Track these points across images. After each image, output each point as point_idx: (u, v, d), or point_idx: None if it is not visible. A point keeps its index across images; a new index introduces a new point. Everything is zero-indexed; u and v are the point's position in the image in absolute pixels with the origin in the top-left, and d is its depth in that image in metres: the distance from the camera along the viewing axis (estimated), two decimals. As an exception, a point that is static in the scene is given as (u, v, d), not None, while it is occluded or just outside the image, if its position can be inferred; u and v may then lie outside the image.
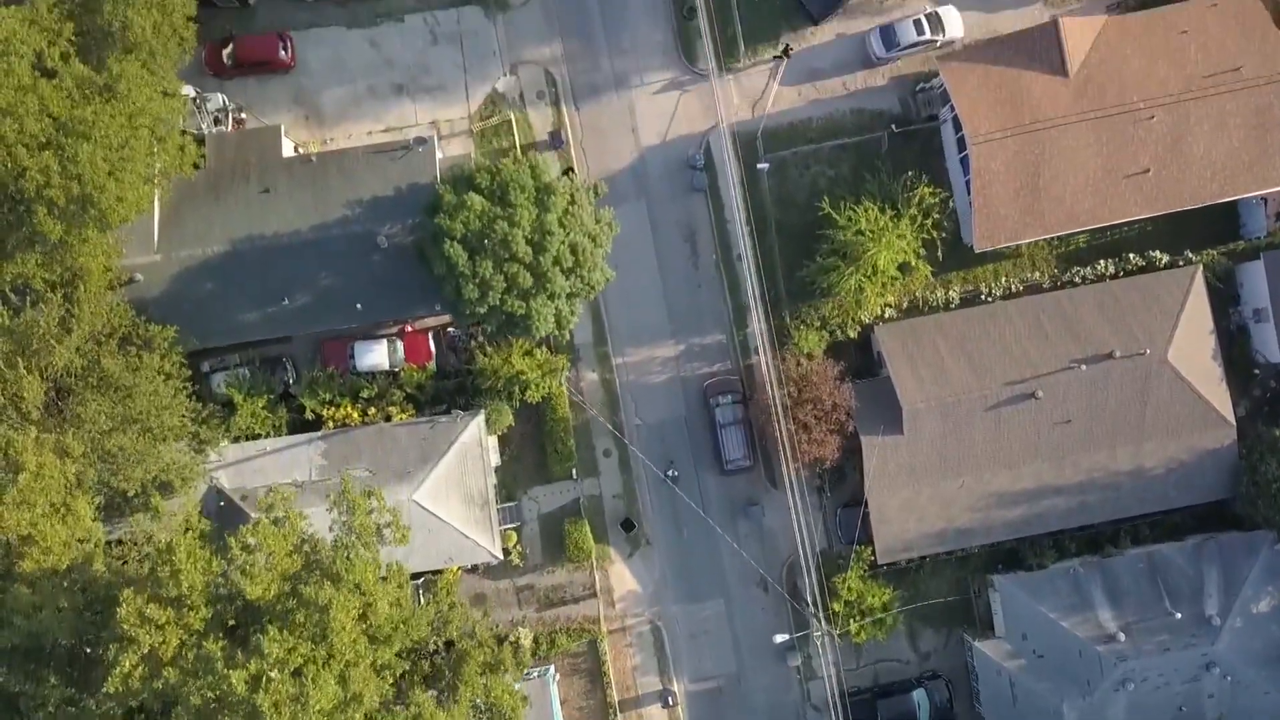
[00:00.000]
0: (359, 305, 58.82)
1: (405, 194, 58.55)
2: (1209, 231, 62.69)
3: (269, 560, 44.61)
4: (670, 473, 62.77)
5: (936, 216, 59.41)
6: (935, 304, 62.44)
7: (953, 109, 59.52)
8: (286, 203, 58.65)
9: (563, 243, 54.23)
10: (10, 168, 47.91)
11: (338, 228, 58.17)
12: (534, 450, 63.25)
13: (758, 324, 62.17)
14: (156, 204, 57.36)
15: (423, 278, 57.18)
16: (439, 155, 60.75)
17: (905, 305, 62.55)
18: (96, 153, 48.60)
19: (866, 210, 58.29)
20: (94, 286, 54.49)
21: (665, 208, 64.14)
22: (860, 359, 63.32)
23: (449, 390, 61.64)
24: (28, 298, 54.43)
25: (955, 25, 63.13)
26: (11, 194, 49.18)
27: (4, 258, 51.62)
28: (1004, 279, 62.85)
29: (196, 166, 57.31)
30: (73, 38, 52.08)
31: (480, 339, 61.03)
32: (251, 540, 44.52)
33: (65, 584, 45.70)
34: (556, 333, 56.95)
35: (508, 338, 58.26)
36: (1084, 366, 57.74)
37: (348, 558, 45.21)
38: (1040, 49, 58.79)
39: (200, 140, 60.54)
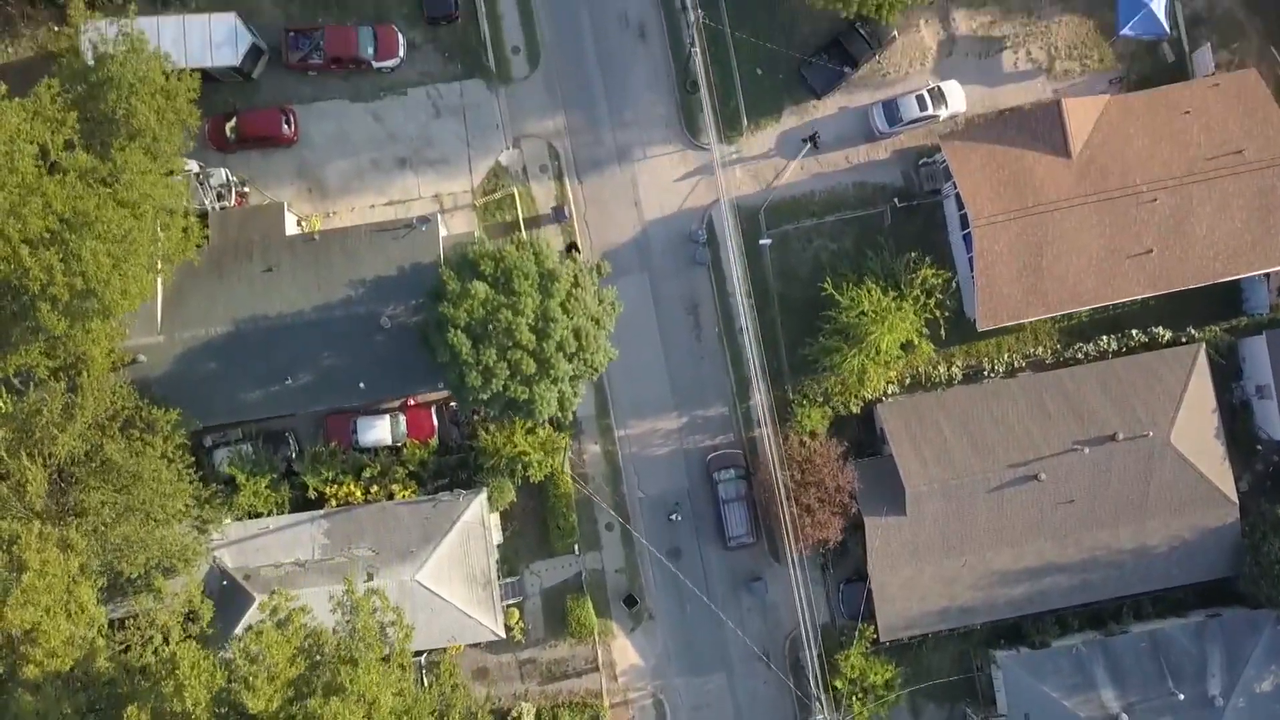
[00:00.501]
0: (362, 384, 58.84)
1: (408, 273, 58.57)
2: (1211, 306, 62.67)
3: (271, 670, 44.55)
4: (673, 516, 62.79)
5: (940, 296, 59.40)
6: (938, 380, 62.53)
7: (955, 185, 59.49)
8: (289, 282, 58.69)
9: (566, 328, 54.23)
10: (13, 265, 47.89)
11: (341, 308, 58.19)
12: (536, 524, 63.25)
13: (760, 400, 62.21)
14: (160, 285, 57.34)
15: (426, 357, 57.11)
16: (443, 233, 60.72)
17: (908, 380, 62.60)
18: (100, 248, 48.64)
19: (869, 291, 58.29)
20: (97, 370, 54.52)
21: (668, 280, 64.18)
22: (863, 432, 63.35)
23: (451, 465, 61.63)
24: (31, 381, 54.48)
25: (958, 100, 63.16)
26: (14, 287, 49.15)
27: (7, 347, 51.62)
28: (1006, 354, 62.92)
29: (199, 246, 57.46)
30: (76, 125, 52.14)
31: (483, 414, 61.02)
32: (255, 649, 44.47)
33: (68, 686, 45.64)
34: (559, 415, 56.91)
35: (510, 418, 58.23)
36: (1087, 450, 57.70)
37: (353, 663, 45.13)
38: (1043, 129, 58.83)
39: (203, 215, 60.81)
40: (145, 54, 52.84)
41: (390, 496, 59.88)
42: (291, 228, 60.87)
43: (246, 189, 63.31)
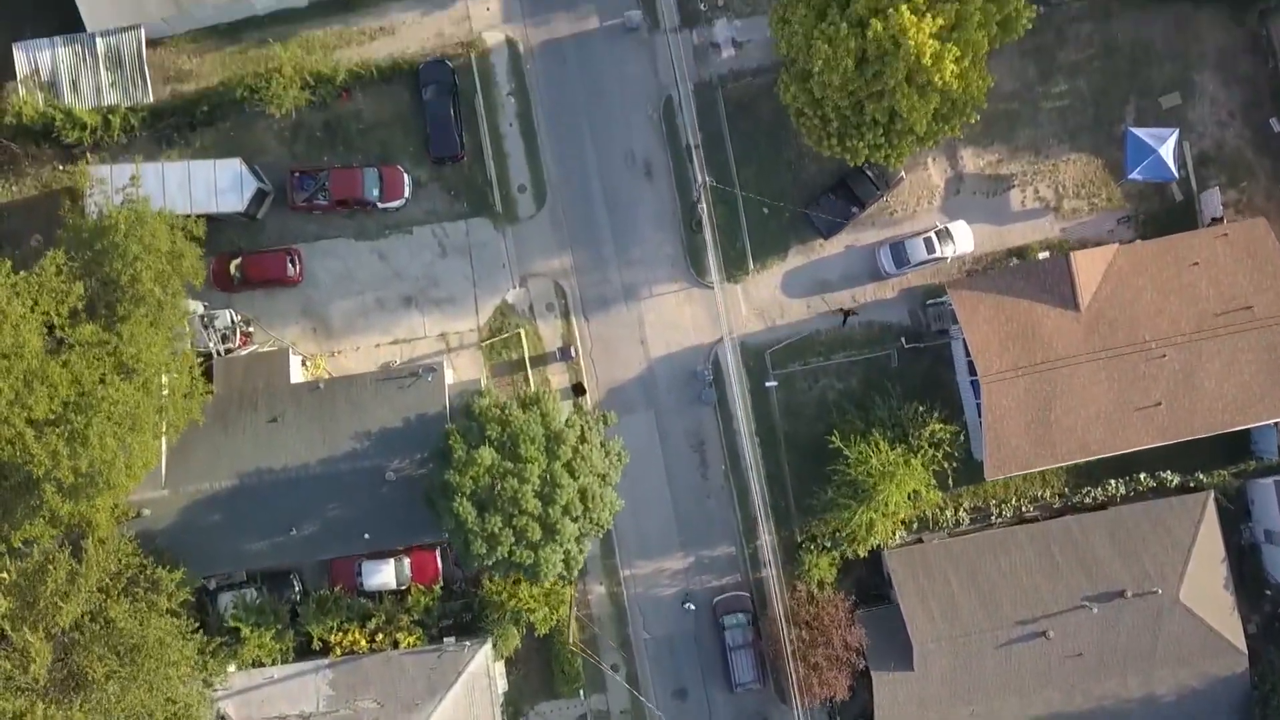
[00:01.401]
0: (367, 535, 58.64)
1: (414, 425, 58.38)
2: (1219, 450, 62.36)
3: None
4: (687, 605, 62.46)
5: (948, 449, 59.15)
6: (944, 523, 62.25)
7: (963, 331, 59.27)
8: (294, 434, 58.45)
9: (572, 492, 53.98)
10: (17, 449, 47.66)
11: (346, 461, 57.96)
12: (541, 666, 62.99)
13: (766, 541, 62.16)
14: (165, 444, 57.09)
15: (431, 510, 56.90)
16: (448, 379, 60.53)
17: (914, 524, 62.33)
18: (107, 429, 48.42)
19: (877, 446, 57.95)
20: (102, 532, 54.25)
21: (673, 418, 63.94)
22: (870, 573, 63.10)
23: (456, 609, 61.32)
24: (35, 545, 54.14)
25: (966, 241, 62.96)
26: (18, 466, 48.92)
27: (10, 519, 51.33)
28: (1014, 498, 62.66)
29: (205, 397, 57.23)
30: (82, 293, 51.99)
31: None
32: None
33: None
34: (565, 574, 56.63)
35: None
36: (1095, 608, 57.46)
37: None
38: (1051, 281, 58.62)
39: (207, 356, 60.61)
40: (149, 223, 52.49)
41: (395, 644, 59.55)
42: (296, 374, 60.60)
43: (251, 329, 63.09)
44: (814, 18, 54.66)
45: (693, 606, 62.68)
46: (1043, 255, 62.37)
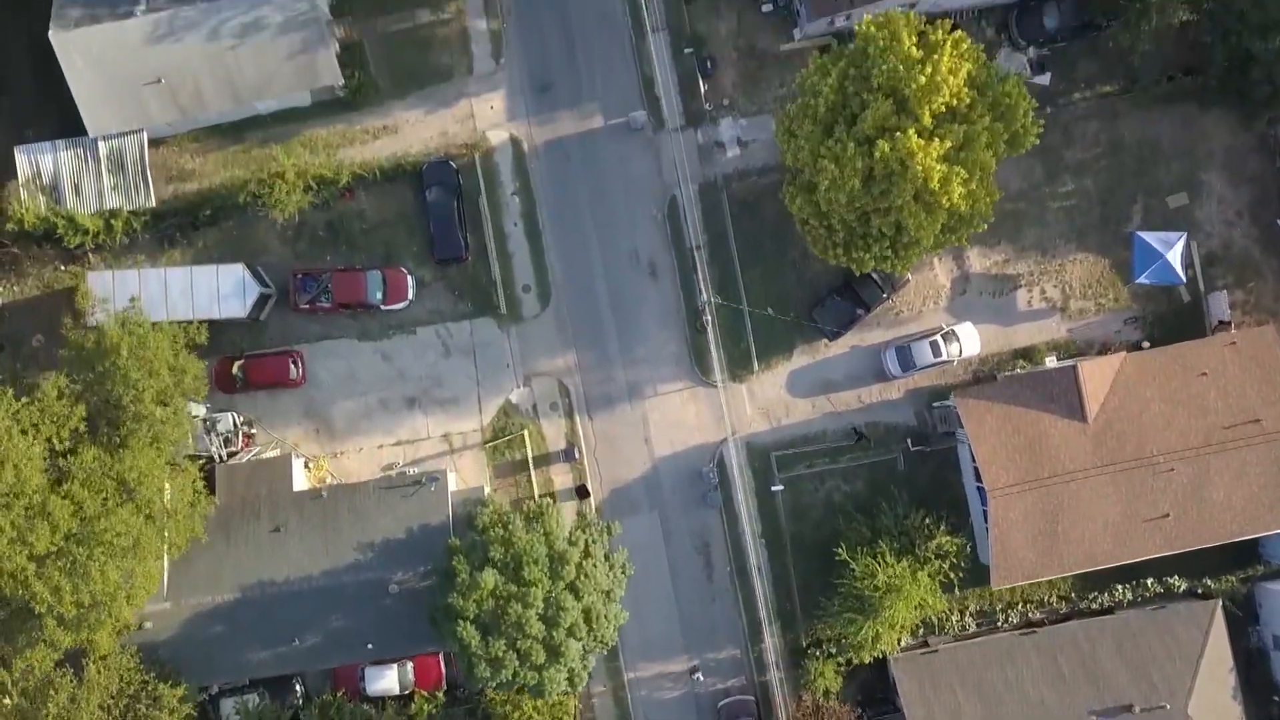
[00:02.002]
0: (370, 645, 58.33)
1: (417, 535, 58.09)
2: (1227, 554, 61.92)
3: None
4: (695, 674, 62.27)
5: (954, 560, 58.83)
6: (950, 628, 61.92)
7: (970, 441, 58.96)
8: (297, 544, 58.17)
9: (577, 613, 53.65)
10: (18, 584, 47.37)
11: (349, 573, 57.68)
12: (545, 769, 62.62)
13: (771, 646, 61.93)
14: (167, 560, 56.80)
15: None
16: (451, 485, 60.23)
17: (920, 629, 61.97)
18: (108, 563, 48.13)
19: (883, 559, 57.59)
20: (103, 650, 53.94)
21: (678, 519, 63.60)
22: (875, 676, 62.74)
23: (459, 715, 60.97)
24: (35, 668, 53.83)
25: (972, 343, 62.63)
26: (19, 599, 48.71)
27: (11, 644, 51.05)
28: (1020, 602, 62.35)
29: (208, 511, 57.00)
30: (83, 415, 51.74)
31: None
32: None
33: None
34: (569, 690, 56.28)
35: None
36: (1103, 724, 57.26)
37: None
38: (1059, 391, 58.25)
39: (208, 461, 60.36)
40: (151, 346, 52.21)
41: (399, 754, 59.29)
42: (299, 479, 60.27)
43: (253, 430, 62.77)
44: (820, 134, 54.33)
45: (701, 677, 62.32)
46: (1050, 359, 62.08)
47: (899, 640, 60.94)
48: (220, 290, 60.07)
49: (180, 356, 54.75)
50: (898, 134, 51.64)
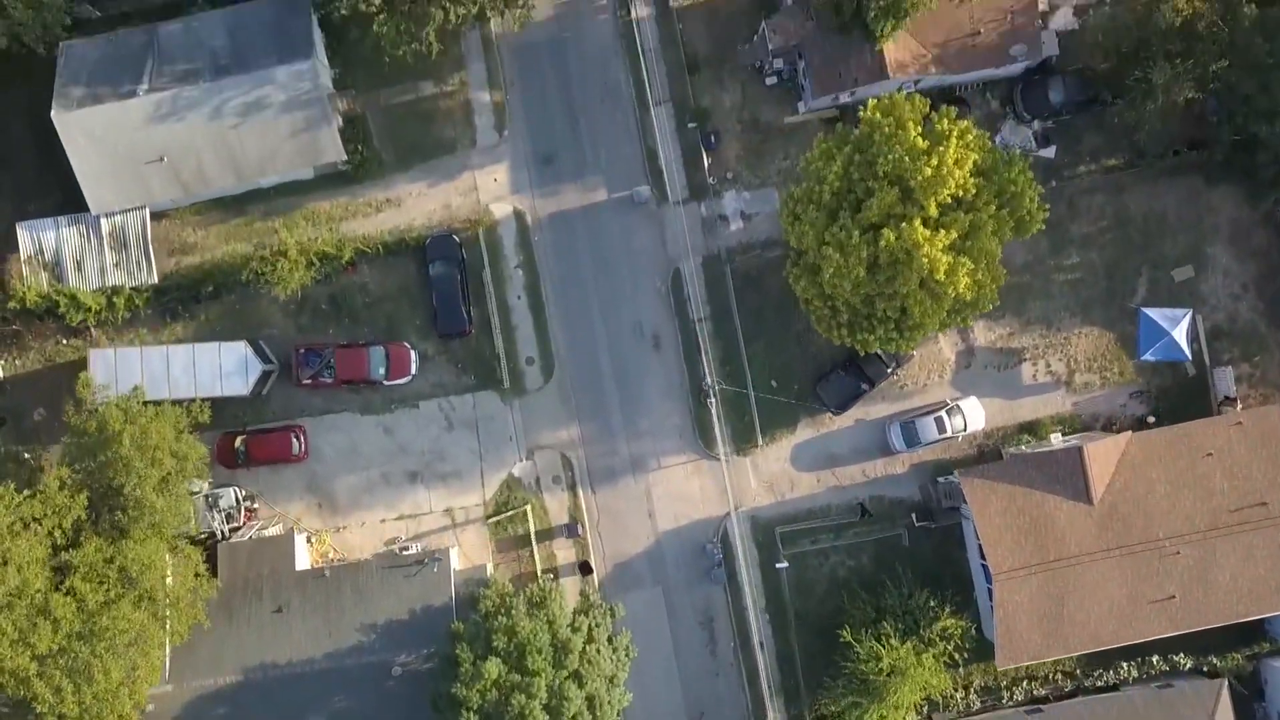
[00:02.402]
0: (373, 727, 58.12)
1: (419, 617, 57.85)
2: (1232, 631, 61.58)
3: None
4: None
5: (959, 641, 58.62)
6: (955, 705, 61.68)
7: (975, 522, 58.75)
8: (300, 625, 57.92)
9: (580, 702, 53.42)
10: (19, 684, 47.16)
11: (351, 655, 57.42)
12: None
13: (775, 722, 61.92)
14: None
15: (437, 703, 56.43)
16: (454, 564, 60.05)
17: (924, 707, 61.71)
18: (111, 662, 47.91)
19: (888, 643, 57.37)
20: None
21: (681, 594, 63.33)
22: (880, 748, 62.53)
23: (464, 793, 60.70)
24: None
25: (977, 418, 62.46)
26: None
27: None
28: (1025, 679, 62.12)
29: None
30: (85, 504, 51.58)
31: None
32: None
33: None
34: (573, 776, 56.01)
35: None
36: (1108, 810, 56.95)
37: None
38: (1064, 473, 57.95)
39: (210, 536, 60.16)
40: (153, 436, 52.02)
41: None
42: (302, 556, 60.00)
43: (255, 505, 62.55)
44: (825, 219, 54.17)
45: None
46: (1055, 436, 61.85)
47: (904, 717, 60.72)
48: (223, 368, 59.92)
49: (183, 441, 54.48)
50: (903, 224, 51.48)
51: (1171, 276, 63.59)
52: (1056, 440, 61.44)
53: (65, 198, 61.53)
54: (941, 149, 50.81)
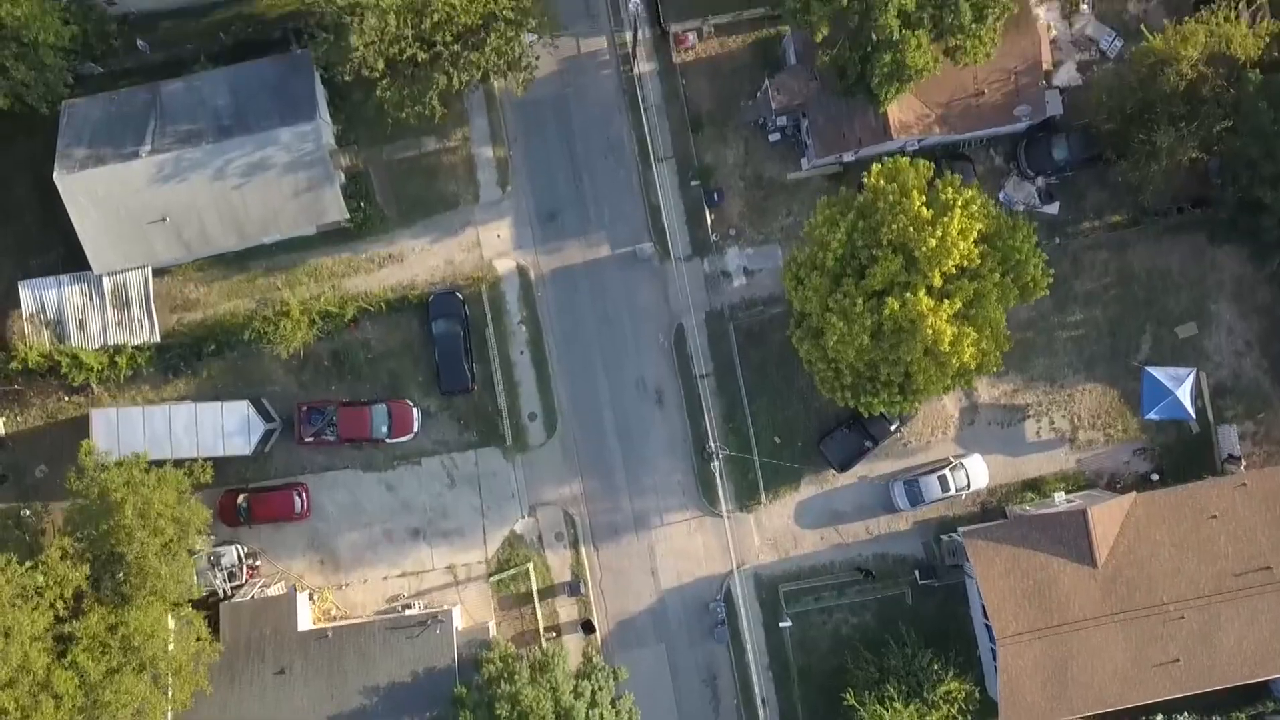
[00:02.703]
0: (375, 792, 57.97)
1: (422, 679, 57.77)
2: (1235, 692, 61.34)
3: None
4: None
5: (963, 705, 58.47)
6: (960, 767, 61.57)
7: (979, 585, 58.61)
8: (302, 687, 57.78)
9: (583, 769, 53.39)
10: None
11: (354, 719, 57.21)
12: None
13: (779, 782, 61.53)
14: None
15: (440, 767, 56.32)
16: (456, 624, 59.89)
17: (930, 764, 61.65)
18: (114, 737, 47.87)
19: (892, 707, 57.19)
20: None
21: (685, 651, 63.20)
22: (884, 810, 62.34)
23: None
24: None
25: (980, 476, 62.35)
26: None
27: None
28: (1029, 740, 61.98)
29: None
30: (88, 573, 51.49)
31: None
32: None
33: None
34: (578, 840, 55.89)
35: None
36: None
37: None
38: (1068, 535, 57.81)
39: (211, 595, 60.02)
40: (156, 505, 51.93)
41: None
42: (304, 618, 59.79)
43: (258, 562, 62.38)
44: (828, 284, 54.07)
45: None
46: (1059, 495, 61.65)
47: (908, 779, 60.57)
48: (225, 428, 59.76)
49: (186, 506, 54.38)
50: (908, 293, 51.36)
51: (1175, 333, 63.50)
52: (1060, 499, 61.28)
53: (68, 252, 61.35)
54: (946, 219, 50.67)
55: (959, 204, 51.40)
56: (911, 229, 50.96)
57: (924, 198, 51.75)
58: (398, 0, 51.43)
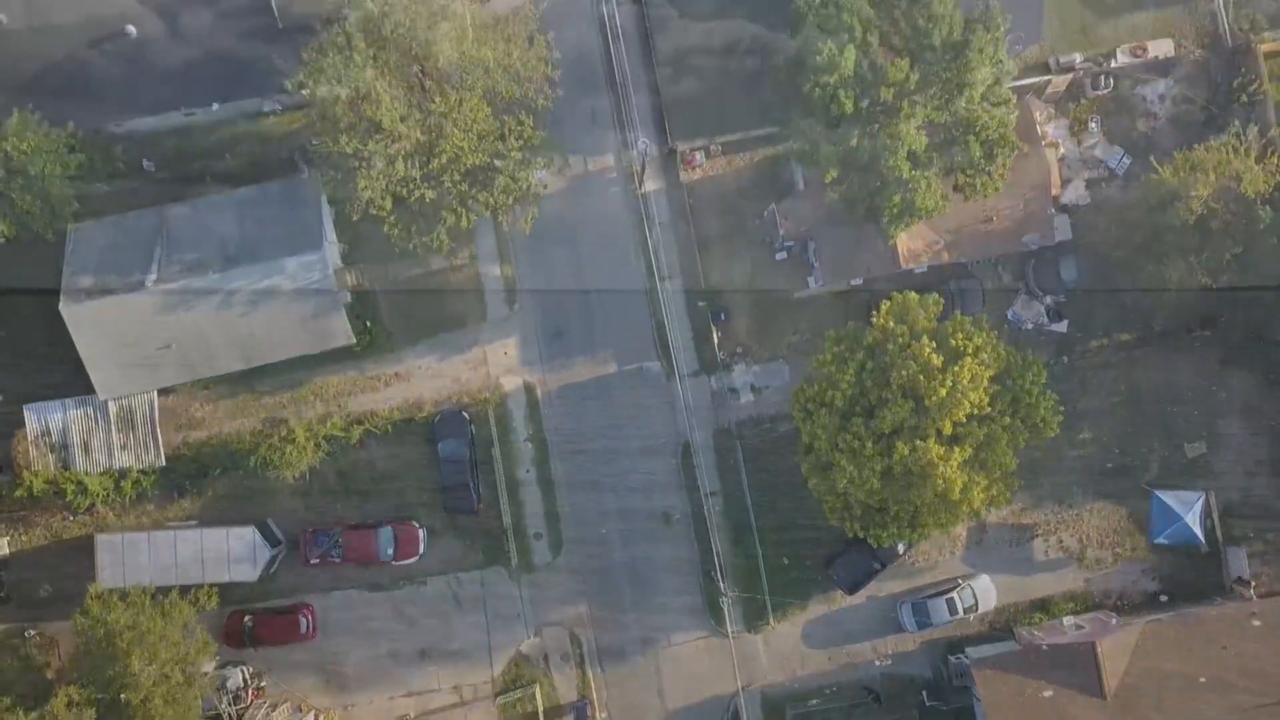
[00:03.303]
0: None
1: (429, 808, 57.48)
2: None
3: None
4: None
5: (972, 835, 58.32)
6: None
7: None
8: (307, 818, 57.52)
9: None
10: None
11: None
12: None
13: None
14: None
15: None
16: (463, 750, 59.75)
17: None
18: None
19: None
20: None
21: (692, 771, 63.06)
22: None
23: None
24: None
25: (988, 598, 62.14)
26: None
27: None
28: None
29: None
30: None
31: None
32: None
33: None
34: None
35: None
36: None
37: None
38: (1077, 666, 57.52)
39: (216, 718, 59.72)
40: (162, 654, 51.69)
41: None
42: (310, 744, 59.69)
43: (263, 684, 62.08)
44: (837, 422, 53.85)
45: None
46: (1067, 619, 61.37)
47: None
48: (231, 554, 59.52)
49: (192, 644, 54.13)
50: (917, 440, 51.13)
51: (1184, 452, 63.24)
52: (1069, 623, 61.00)
53: (73, 372, 61.02)
54: (956, 368, 50.42)
55: (970, 351, 51.17)
56: (922, 376, 50.74)
57: (934, 343, 51.49)
58: (405, 146, 51.20)
